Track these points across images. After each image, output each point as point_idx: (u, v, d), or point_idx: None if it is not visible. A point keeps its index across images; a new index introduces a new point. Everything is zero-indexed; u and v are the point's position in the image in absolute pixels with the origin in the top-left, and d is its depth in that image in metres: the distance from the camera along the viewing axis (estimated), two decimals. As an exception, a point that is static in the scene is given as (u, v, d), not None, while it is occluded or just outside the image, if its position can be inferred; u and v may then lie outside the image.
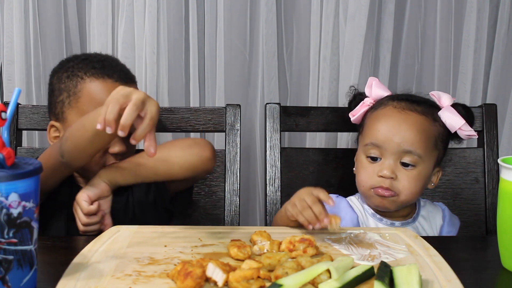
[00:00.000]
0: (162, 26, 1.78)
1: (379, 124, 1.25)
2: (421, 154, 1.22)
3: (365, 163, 1.26)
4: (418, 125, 1.23)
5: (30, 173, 0.75)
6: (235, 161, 1.42)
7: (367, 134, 1.27)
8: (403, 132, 1.22)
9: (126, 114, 0.91)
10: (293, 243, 0.91)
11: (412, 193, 1.23)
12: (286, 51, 1.88)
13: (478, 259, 1.01)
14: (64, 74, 1.27)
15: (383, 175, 1.21)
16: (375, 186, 1.23)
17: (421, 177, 1.23)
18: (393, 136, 1.22)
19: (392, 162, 1.22)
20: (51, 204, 1.20)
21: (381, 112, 1.28)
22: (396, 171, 1.22)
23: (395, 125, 1.23)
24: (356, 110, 1.35)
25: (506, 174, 0.91)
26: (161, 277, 0.81)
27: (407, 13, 1.88)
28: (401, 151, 1.22)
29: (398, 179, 1.22)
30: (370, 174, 1.24)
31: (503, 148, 1.89)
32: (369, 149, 1.25)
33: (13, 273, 0.75)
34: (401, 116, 1.24)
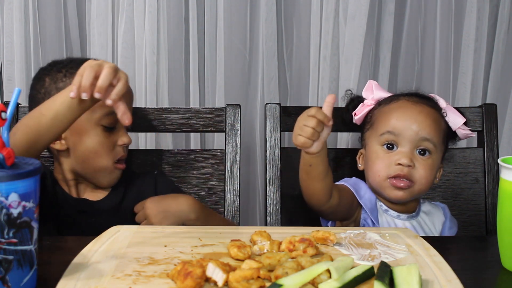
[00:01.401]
0: (162, 26, 1.78)
1: (395, 114, 1.28)
2: (436, 143, 1.26)
3: (380, 153, 1.27)
4: (432, 116, 1.28)
5: (30, 173, 0.75)
6: (235, 161, 1.43)
7: (381, 125, 1.29)
8: (420, 120, 1.26)
9: (103, 76, 0.96)
10: (293, 243, 0.91)
11: (427, 182, 1.26)
12: (286, 51, 1.88)
13: (478, 259, 1.01)
14: (59, 75, 1.26)
15: (402, 163, 1.24)
16: (392, 175, 1.24)
17: (434, 167, 1.27)
18: (411, 124, 1.25)
19: (409, 151, 1.25)
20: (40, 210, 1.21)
21: (395, 105, 1.31)
22: (413, 159, 1.25)
23: (412, 115, 1.27)
24: (358, 110, 1.36)
25: (506, 174, 0.91)
26: (161, 277, 0.81)
27: (407, 13, 1.88)
28: (419, 139, 1.25)
29: (415, 167, 1.24)
30: (387, 163, 1.25)
31: (503, 148, 1.89)
32: (386, 137, 1.27)
33: (13, 273, 0.75)
34: (417, 107, 1.29)
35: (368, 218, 1.28)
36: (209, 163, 1.45)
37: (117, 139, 1.25)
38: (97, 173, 1.25)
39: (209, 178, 1.44)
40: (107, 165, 1.24)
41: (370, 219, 1.27)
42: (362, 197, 1.28)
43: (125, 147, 1.28)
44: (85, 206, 1.27)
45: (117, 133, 1.25)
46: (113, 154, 1.25)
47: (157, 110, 1.46)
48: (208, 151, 1.48)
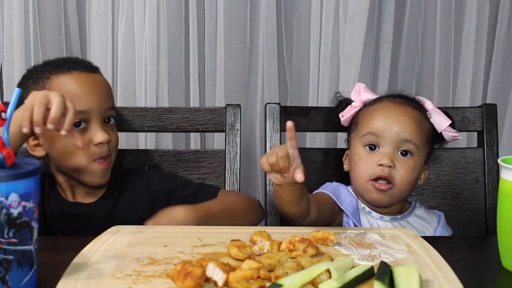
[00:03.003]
0: (162, 26, 1.78)
1: (377, 115, 1.29)
2: (418, 144, 1.26)
3: (363, 154, 1.28)
4: (414, 117, 1.28)
5: (30, 173, 0.75)
6: (235, 161, 1.43)
7: (364, 126, 1.29)
8: (402, 122, 1.26)
9: (55, 108, 0.98)
10: (293, 243, 0.91)
11: (408, 184, 1.26)
12: (286, 51, 1.88)
13: (478, 259, 1.00)
14: (29, 81, 1.25)
15: (383, 164, 1.24)
16: (374, 177, 1.25)
17: (416, 169, 1.27)
18: (393, 125, 1.26)
19: (391, 151, 1.25)
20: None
21: (378, 106, 1.31)
22: (394, 160, 1.25)
23: (394, 116, 1.27)
24: (345, 111, 1.37)
25: (506, 174, 0.91)
26: (161, 277, 0.81)
27: (407, 13, 1.88)
28: (400, 140, 1.25)
29: (396, 168, 1.24)
30: (368, 164, 1.26)
31: (503, 148, 1.89)
32: (368, 138, 1.27)
33: (13, 273, 0.75)
34: (399, 108, 1.29)
35: (350, 221, 1.28)
36: (209, 163, 1.45)
37: (91, 137, 1.22)
38: (78, 173, 1.23)
39: (209, 178, 1.44)
40: (84, 164, 1.22)
41: (352, 221, 1.28)
42: (343, 202, 1.29)
43: (103, 145, 1.23)
44: (79, 209, 1.27)
45: (90, 132, 1.22)
46: (89, 153, 1.22)
47: (157, 110, 1.46)
48: (208, 151, 1.48)
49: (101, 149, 1.22)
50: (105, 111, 1.25)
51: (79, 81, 1.23)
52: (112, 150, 1.26)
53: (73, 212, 1.26)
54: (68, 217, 1.26)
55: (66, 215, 1.26)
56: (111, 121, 1.27)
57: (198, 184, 1.35)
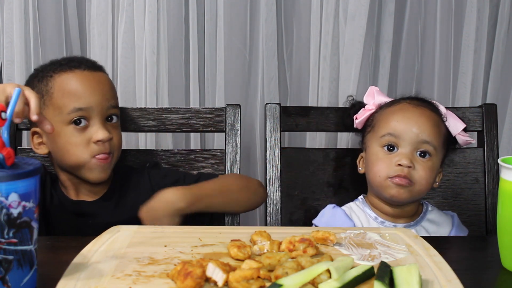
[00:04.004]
0: (162, 26, 1.78)
1: (396, 116, 1.29)
2: (436, 146, 1.27)
3: (381, 154, 1.28)
4: (433, 119, 1.29)
5: (30, 173, 0.75)
6: (235, 161, 1.43)
7: (382, 127, 1.30)
8: (420, 123, 1.27)
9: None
10: (293, 243, 0.91)
11: (427, 183, 1.26)
12: (286, 51, 1.88)
13: (478, 259, 1.01)
14: (35, 80, 1.28)
15: (402, 164, 1.24)
16: (392, 176, 1.25)
17: (434, 170, 1.28)
18: (412, 126, 1.26)
19: (409, 152, 1.25)
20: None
21: (396, 107, 1.32)
22: (413, 161, 1.25)
23: (413, 117, 1.28)
24: (360, 114, 1.37)
25: (506, 174, 0.91)
26: (161, 277, 0.81)
27: (407, 13, 1.88)
28: (419, 141, 1.26)
29: (415, 169, 1.25)
30: (387, 164, 1.26)
31: (503, 148, 1.89)
32: (387, 139, 1.28)
33: (13, 273, 0.75)
34: (418, 110, 1.30)
35: None
36: (209, 163, 1.45)
37: (91, 135, 1.22)
38: (79, 169, 1.24)
39: (209, 178, 1.44)
40: (83, 160, 1.22)
41: None
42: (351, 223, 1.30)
43: (104, 143, 1.23)
44: (83, 208, 1.27)
45: (90, 130, 1.23)
46: (88, 150, 1.22)
47: (157, 110, 1.46)
48: (208, 151, 1.48)
49: (100, 147, 1.23)
50: (106, 109, 1.25)
51: (80, 79, 1.24)
52: (114, 148, 1.27)
53: (76, 211, 1.27)
54: (71, 216, 1.27)
55: (68, 213, 1.27)
56: (114, 120, 1.28)
57: (197, 174, 1.37)
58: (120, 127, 1.32)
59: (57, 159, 1.26)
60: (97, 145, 1.22)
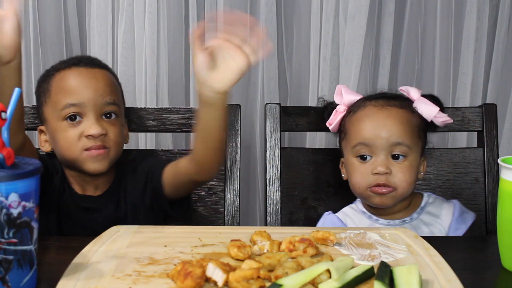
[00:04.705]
0: (162, 26, 1.78)
1: (363, 124, 1.27)
2: (410, 144, 1.25)
3: (356, 164, 1.27)
4: (400, 118, 1.26)
5: (30, 173, 0.75)
6: (235, 161, 1.42)
7: (353, 136, 1.28)
8: (389, 126, 1.25)
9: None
10: (293, 243, 0.91)
11: (408, 184, 1.25)
12: (286, 51, 1.88)
13: (478, 259, 1.00)
14: (41, 80, 1.30)
15: (378, 172, 1.23)
16: (371, 185, 1.24)
17: (413, 168, 1.26)
18: (380, 132, 1.24)
19: (384, 158, 1.24)
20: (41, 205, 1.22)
21: (362, 113, 1.29)
22: (389, 165, 1.24)
23: (380, 122, 1.26)
24: (332, 119, 1.36)
25: (506, 174, 0.91)
26: (161, 277, 0.81)
27: (407, 13, 1.88)
28: (390, 145, 1.24)
29: (392, 173, 1.24)
30: (364, 174, 1.25)
31: (503, 148, 1.89)
32: (359, 149, 1.26)
33: (13, 273, 0.75)
34: (383, 112, 1.27)
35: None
36: (209, 163, 1.45)
37: (84, 130, 1.22)
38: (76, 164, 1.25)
39: (209, 178, 1.44)
40: (75, 155, 1.23)
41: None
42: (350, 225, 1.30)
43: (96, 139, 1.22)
44: (88, 202, 1.28)
45: (83, 125, 1.23)
46: (79, 144, 1.22)
47: (157, 110, 1.46)
48: (208, 151, 1.47)
49: (91, 141, 1.22)
50: (101, 105, 1.24)
51: (75, 76, 1.25)
52: (110, 143, 1.25)
53: (83, 205, 1.28)
54: (79, 210, 1.28)
55: (77, 208, 1.28)
56: (112, 117, 1.26)
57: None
58: (122, 125, 1.30)
59: (57, 155, 1.28)
60: (88, 139, 1.22)
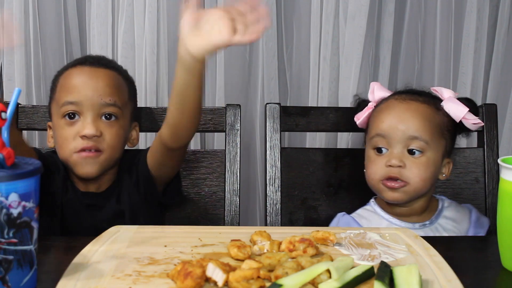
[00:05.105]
0: (162, 26, 1.78)
1: (382, 116, 1.27)
2: (428, 140, 1.23)
3: (372, 156, 1.27)
4: (421, 112, 1.25)
5: (30, 173, 0.75)
6: (235, 161, 1.42)
7: (372, 128, 1.28)
8: (407, 119, 1.24)
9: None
10: (293, 243, 0.91)
11: (423, 180, 1.23)
12: (286, 51, 1.88)
13: (478, 259, 1.00)
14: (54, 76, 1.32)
15: (391, 164, 1.22)
16: (384, 178, 1.24)
17: (430, 164, 1.24)
18: (398, 124, 1.23)
19: (399, 151, 1.23)
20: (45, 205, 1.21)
21: (383, 106, 1.30)
22: (404, 159, 1.23)
23: (399, 114, 1.25)
24: (361, 113, 1.35)
25: (506, 174, 0.91)
26: (161, 277, 0.81)
27: (407, 13, 1.88)
28: (407, 138, 1.23)
29: (406, 167, 1.22)
30: (378, 166, 1.25)
31: (503, 148, 1.89)
32: (376, 140, 1.26)
33: (13, 273, 0.75)
34: (404, 105, 1.26)
35: None
36: (209, 163, 1.45)
37: (80, 130, 1.22)
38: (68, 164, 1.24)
39: (209, 178, 1.44)
40: (67, 155, 1.23)
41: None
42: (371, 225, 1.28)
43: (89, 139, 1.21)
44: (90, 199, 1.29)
45: (80, 124, 1.22)
46: (73, 144, 1.22)
47: (157, 110, 1.46)
48: (208, 151, 1.48)
49: (84, 142, 1.21)
50: (100, 105, 1.23)
51: (78, 74, 1.26)
52: (104, 146, 1.23)
53: (86, 202, 1.29)
54: (82, 207, 1.28)
55: (80, 205, 1.28)
56: (112, 118, 1.25)
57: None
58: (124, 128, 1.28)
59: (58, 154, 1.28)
60: (82, 140, 1.21)
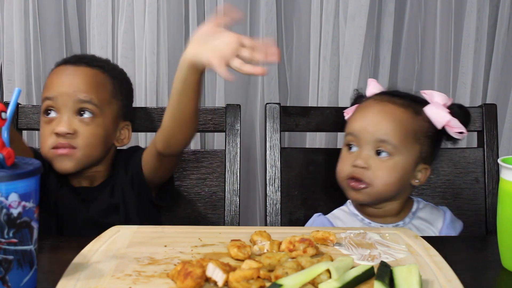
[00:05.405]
0: (162, 26, 1.78)
1: (357, 115, 1.27)
2: (397, 144, 1.21)
3: (343, 153, 1.27)
4: (394, 116, 1.23)
5: (30, 173, 0.75)
6: (235, 161, 1.43)
7: (347, 125, 1.28)
8: (377, 122, 1.22)
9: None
10: (293, 243, 0.91)
11: (387, 184, 1.21)
12: (286, 51, 1.88)
13: (478, 259, 1.01)
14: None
15: (356, 165, 1.22)
16: (348, 177, 1.23)
17: (398, 169, 1.22)
18: (368, 126, 1.23)
19: (367, 152, 1.22)
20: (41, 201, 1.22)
21: (362, 105, 1.29)
22: (371, 161, 1.21)
23: (371, 115, 1.24)
24: (349, 109, 1.35)
25: (506, 174, 0.91)
26: (161, 277, 0.81)
27: (407, 13, 1.88)
28: (375, 141, 1.21)
29: (371, 169, 1.21)
30: (345, 163, 1.24)
31: (503, 148, 1.89)
32: (348, 138, 1.26)
33: (13, 273, 0.75)
34: (379, 107, 1.25)
35: None
36: (209, 163, 1.45)
37: (55, 127, 1.22)
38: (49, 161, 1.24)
39: (209, 178, 1.44)
40: (45, 153, 1.24)
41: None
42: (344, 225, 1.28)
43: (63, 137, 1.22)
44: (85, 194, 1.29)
45: (56, 122, 1.23)
46: (49, 141, 1.23)
47: (157, 110, 1.46)
48: (208, 151, 1.48)
49: (58, 139, 1.22)
50: (75, 102, 1.23)
51: (58, 72, 1.28)
52: (78, 144, 1.23)
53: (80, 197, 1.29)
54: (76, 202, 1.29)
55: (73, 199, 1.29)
56: (86, 115, 1.24)
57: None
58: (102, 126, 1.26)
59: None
60: (56, 137, 1.22)
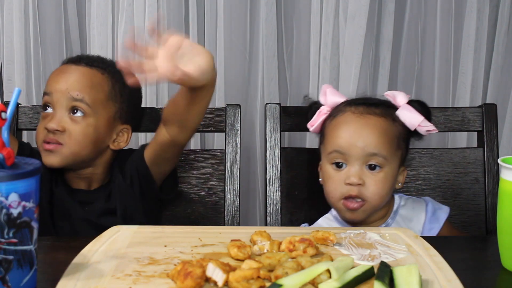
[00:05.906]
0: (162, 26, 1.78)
1: (340, 131, 1.24)
2: (386, 155, 1.21)
3: (331, 172, 1.24)
4: (379, 128, 1.22)
5: (30, 173, 0.75)
6: (235, 161, 1.43)
7: (329, 143, 1.25)
8: (365, 136, 1.21)
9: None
10: (293, 243, 0.91)
11: (381, 197, 1.22)
12: (286, 51, 1.88)
13: (478, 259, 1.01)
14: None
15: (351, 182, 1.20)
16: (344, 196, 1.22)
17: (388, 179, 1.23)
18: (356, 141, 1.21)
19: (358, 168, 1.21)
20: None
21: (340, 119, 1.26)
22: (363, 176, 1.21)
23: (357, 130, 1.22)
24: (314, 120, 1.33)
25: (506, 174, 0.91)
26: (161, 277, 0.81)
27: (407, 13, 1.88)
28: (365, 155, 1.20)
29: (365, 185, 1.21)
30: (337, 183, 1.22)
31: (503, 148, 1.89)
32: (333, 156, 1.23)
33: (13, 273, 0.75)
34: (361, 120, 1.23)
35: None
36: (209, 163, 1.45)
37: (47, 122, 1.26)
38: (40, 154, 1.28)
39: (209, 178, 1.44)
40: (39, 146, 1.28)
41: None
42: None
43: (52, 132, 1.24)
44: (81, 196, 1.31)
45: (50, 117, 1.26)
46: (41, 136, 1.27)
47: (157, 110, 1.46)
48: (208, 151, 1.48)
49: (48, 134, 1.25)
50: (67, 99, 1.25)
51: (59, 69, 1.31)
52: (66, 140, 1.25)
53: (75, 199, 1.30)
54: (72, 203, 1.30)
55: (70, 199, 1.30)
56: (78, 113, 1.26)
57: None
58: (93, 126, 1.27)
59: None
60: (46, 132, 1.26)
